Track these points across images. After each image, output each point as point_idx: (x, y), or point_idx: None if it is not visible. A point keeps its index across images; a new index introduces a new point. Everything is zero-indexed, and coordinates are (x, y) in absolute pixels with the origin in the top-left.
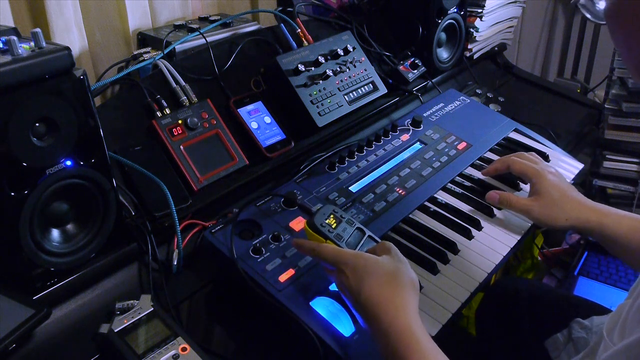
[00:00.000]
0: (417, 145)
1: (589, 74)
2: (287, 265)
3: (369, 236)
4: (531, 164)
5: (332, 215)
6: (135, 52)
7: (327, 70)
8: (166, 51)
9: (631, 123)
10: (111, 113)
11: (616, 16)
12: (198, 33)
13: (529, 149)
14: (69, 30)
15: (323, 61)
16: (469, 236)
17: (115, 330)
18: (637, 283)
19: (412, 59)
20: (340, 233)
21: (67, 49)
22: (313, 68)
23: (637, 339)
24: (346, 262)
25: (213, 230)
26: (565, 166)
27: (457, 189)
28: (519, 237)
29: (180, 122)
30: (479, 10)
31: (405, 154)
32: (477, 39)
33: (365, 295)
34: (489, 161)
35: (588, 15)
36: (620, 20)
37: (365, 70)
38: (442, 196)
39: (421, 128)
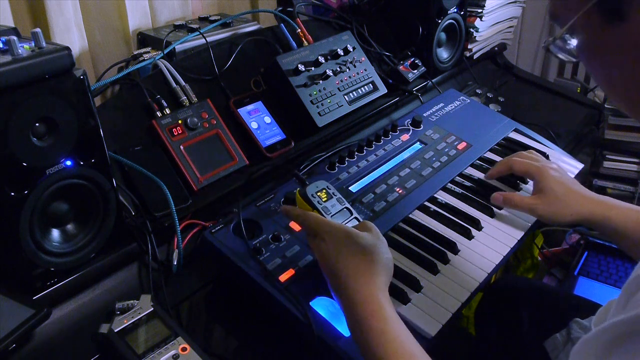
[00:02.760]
0: (417, 145)
1: (589, 74)
2: (287, 265)
3: (355, 217)
4: (532, 163)
5: (324, 190)
6: (135, 52)
7: (327, 70)
8: (166, 51)
9: (631, 123)
10: (111, 113)
11: (587, 50)
12: (198, 33)
13: (528, 149)
14: (69, 30)
15: (323, 61)
16: (469, 236)
17: (115, 330)
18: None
19: (412, 59)
20: (328, 207)
21: (67, 49)
22: (313, 68)
23: (616, 321)
24: (328, 231)
25: (213, 230)
26: (565, 166)
27: (457, 189)
28: (518, 237)
29: (180, 122)
30: (479, 10)
31: (405, 154)
32: (477, 39)
33: (341, 264)
34: (489, 161)
35: (562, 57)
36: (592, 52)
37: (365, 70)
38: (442, 196)
39: (421, 128)
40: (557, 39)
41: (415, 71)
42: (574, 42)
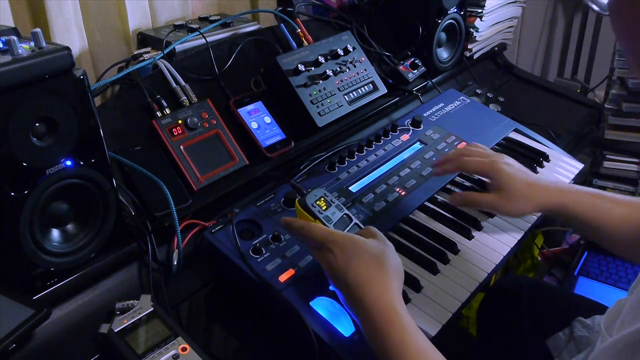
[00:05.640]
0: (417, 145)
1: (589, 74)
2: (287, 265)
3: (356, 223)
4: (483, 160)
5: (322, 198)
6: (135, 52)
7: (327, 70)
8: (166, 51)
9: (631, 123)
10: (111, 113)
11: (616, 7)
12: (198, 33)
13: (528, 149)
14: (69, 30)
15: (323, 61)
16: (469, 236)
17: (115, 330)
18: (637, 281)
19: (412, 59)
20: (329, 215)
21: (67, 49)
22: (313, 68)
23: (631, 331)
24: (335, 242)
25: (213, 230)
26: (565, 166)
27: (457, 189)
28: (519, 237)
29: (180, 122)
30: (479, 10)
31: (405, 154)
32: (477, 39)
33: (352, 274)
34: None
35: (593, 6)
36: (620, 11)
37: (365, 70)
38: (442, 196)
39: (421, 128)
40: None
41: (415, 71)
42: None
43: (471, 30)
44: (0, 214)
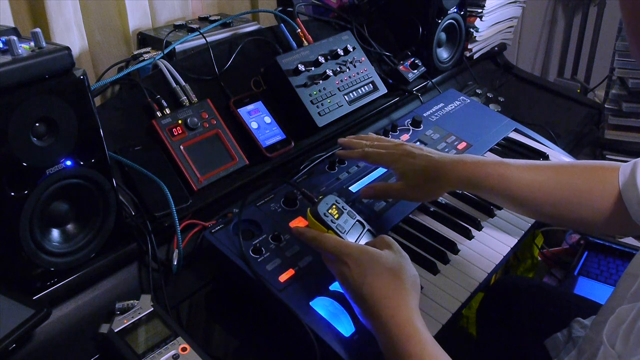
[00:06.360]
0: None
1: (589, 74)
2: (287, 265)
3: (368, 230)
4: (381, 152)
5: (334, 206)
6: (135, 52)
7: (327, 70)
8: (166, 51)
9: (631, 123)
10: (111, 113)
11: None
12: (198, 33)
13: (528, 149)
14: (69, 30)
15: (323, 61)
16: (469, 236)
17: (115, 330)
18: (637, 287)
19: (412, 59)
20: (342, 224)
21: (67, 49)
22: (313, 68)
23: None
24: (350, 255)
25: (213, 230)
26: None
27: (458, 189)
28: (519, 237)
29: (180, 122)
30: (479, 10)
31: None
32: (477, 39)
33: (368, 288)
34: None
35: None
36: None
37: (365, 70)
38: (442, 196)
39: (421, 128)
40: None
41: (415, 71)
42: None
43: (471, 30)
44: (0, 214)
